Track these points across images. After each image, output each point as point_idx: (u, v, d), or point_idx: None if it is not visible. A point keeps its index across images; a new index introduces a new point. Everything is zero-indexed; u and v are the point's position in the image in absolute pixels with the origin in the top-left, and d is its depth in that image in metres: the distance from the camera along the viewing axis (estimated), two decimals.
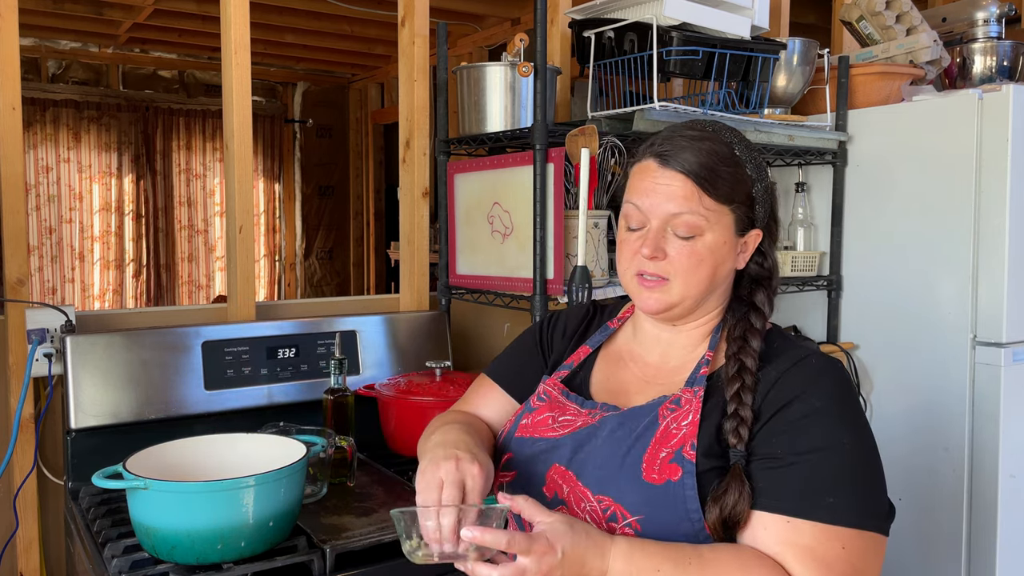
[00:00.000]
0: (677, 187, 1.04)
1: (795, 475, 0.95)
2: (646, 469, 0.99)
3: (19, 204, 1.73)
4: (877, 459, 0.99)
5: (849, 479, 0.95)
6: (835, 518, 0.93)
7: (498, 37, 4.19)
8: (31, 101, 5.11)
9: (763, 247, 1.10)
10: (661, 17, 1.74)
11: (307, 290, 6.20)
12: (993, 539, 1.90)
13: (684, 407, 1.03)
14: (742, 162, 1.06)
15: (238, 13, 1.89)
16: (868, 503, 0.95)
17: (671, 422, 1.02)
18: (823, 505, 0.93)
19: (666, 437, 1.00)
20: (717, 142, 1.06)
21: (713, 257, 1.05)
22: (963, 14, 2.41)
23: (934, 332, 2.01)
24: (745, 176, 1.06)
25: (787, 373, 1.01)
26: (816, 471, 0.94)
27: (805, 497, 0.93)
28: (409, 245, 2.19)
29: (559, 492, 1.05)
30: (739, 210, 1.06)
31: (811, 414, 0.97)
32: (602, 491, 1.01)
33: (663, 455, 0.99)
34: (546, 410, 1.13)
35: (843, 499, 0.93)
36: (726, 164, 1.04)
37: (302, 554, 1.29)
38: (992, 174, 1.89)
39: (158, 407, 1.70)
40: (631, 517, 0.98)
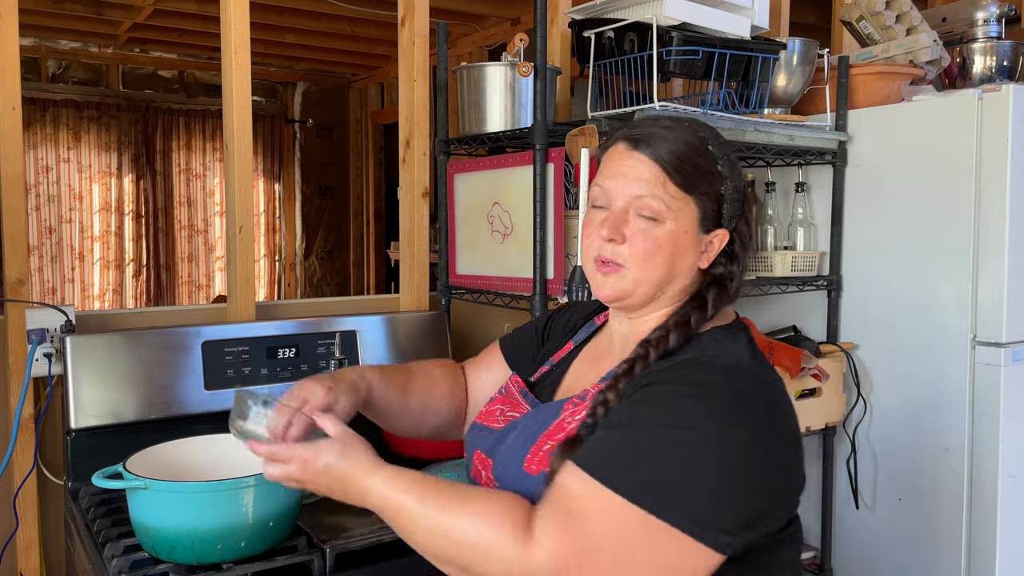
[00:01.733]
0: (643, 170, 1.03)
1: (619, 437, 0.90)
2: (528, 460, 1.01)
3: (19, 204, 1.73)
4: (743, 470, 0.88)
5: (682, 466, 0.86)
6: (619, 481, 0.86)
7: (498, 37, 4.19)
8: (31, 101, 5.11)
9: (733, 250, 1.07)
10: (661, 17, 1.74)
11: (307, 290, 6.20)
12: (993, 539, 1.90)
13: (586, 403, 1.02)
14: (713, 157, 1.05)
15: (238, 13, 1.89)
16: (694, 500, 0.85)
17: (569, 416, 1.02)
18: (631, 476, 0.86)
19: (557, 430, 1.02)
20: (690, 133, 1.05)
21: (672, 246, 1.03)
22: (963, 14, 2.41)
23: (934, 332, 2.01)
24: (715, 171, 1.04)
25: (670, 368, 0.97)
26: (641, 441, 0.89)
27: (618, 461, 0.88)
28: (409, 245, 2.19)
29: (479, 475, 1.12)
30: (704, 204, 1.04)
31: (672, 394, 0.91)
32: (496, 476, 1.06)
33: (546, 447, 1.00)
34: (499, 403, 1.18)
35: (659, 479, 0.86)
36: (696, 155, 1.03)
37: (302, 554, 1.29)
38: (992, 174, 1.89)
39: (158, 407, 1.70)
40: None
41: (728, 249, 1.07)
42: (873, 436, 2.15)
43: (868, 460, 2.16)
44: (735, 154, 1.09)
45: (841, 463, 2.21)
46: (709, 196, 1.04)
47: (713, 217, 1.05)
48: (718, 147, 1.06)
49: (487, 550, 0.89)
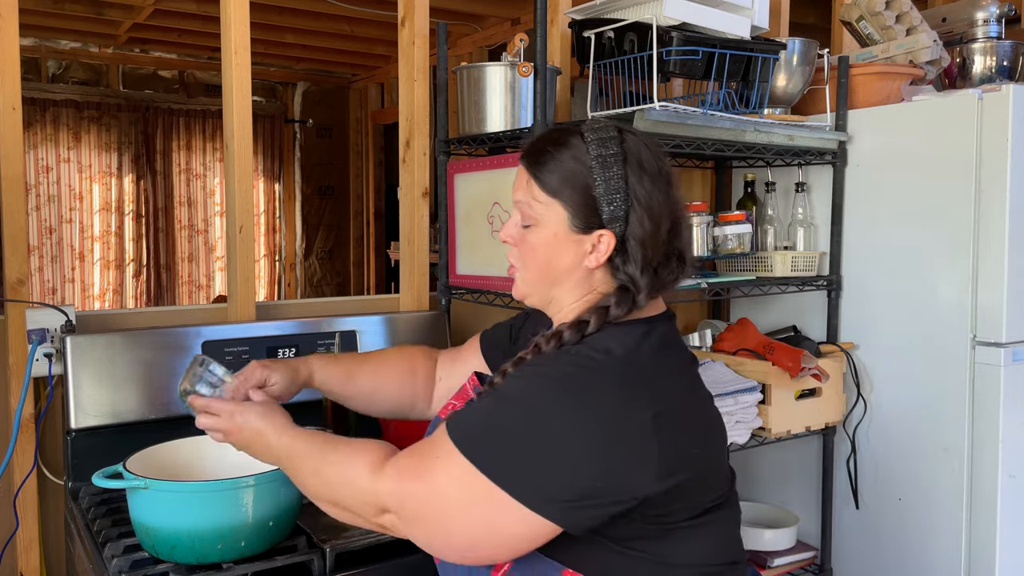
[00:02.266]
0: (521, 178, 1.10)
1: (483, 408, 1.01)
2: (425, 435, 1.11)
3: (19, 204, 1.73)
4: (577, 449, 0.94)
5: (526, 442, 0.95)
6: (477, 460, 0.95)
7: (498, 37, 4.19)
8: (31, 101, 5.11)
9: (624, 250, 1.06)
10: (661, 17, 1.74)
11: (307, 290, 6.20)
12: (993, 539, 1.90)
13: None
14: (587, 160, 1.05)
15: (238, 13, 1.89)
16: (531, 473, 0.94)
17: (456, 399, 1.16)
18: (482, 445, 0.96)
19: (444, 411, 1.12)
20: (565, 140, 1.08)
21: (544, 249, 1.08)
22: (963, 14, 2.41)
23: (934, 332, 2.01)
24: (583, 172, 1.05)
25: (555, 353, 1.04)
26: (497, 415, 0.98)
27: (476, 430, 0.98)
28: (409, 245, 2.19)
29: None
30: (572, 205, 1.05)
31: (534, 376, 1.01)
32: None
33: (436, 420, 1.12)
34: (455, 398, 1.24)
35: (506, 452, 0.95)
36: (564, 160, 1.06)
37: (302, 554, 1.29)
38: (992, 174, 1.89)
39: (158, 407, 1.70)
40: None
41: (622, 250, 1.06)
42: (873, 436, 2.15)
43: (868, 460, 2.16)
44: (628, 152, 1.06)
45: (841, 463, 2.21)
46: (577, 198, 1.05)
47: (589, 218, 1.05)
48: (598, 146, 1.06)
49: (347, 481, 1.04)
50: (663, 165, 1.09)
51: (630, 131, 1.11)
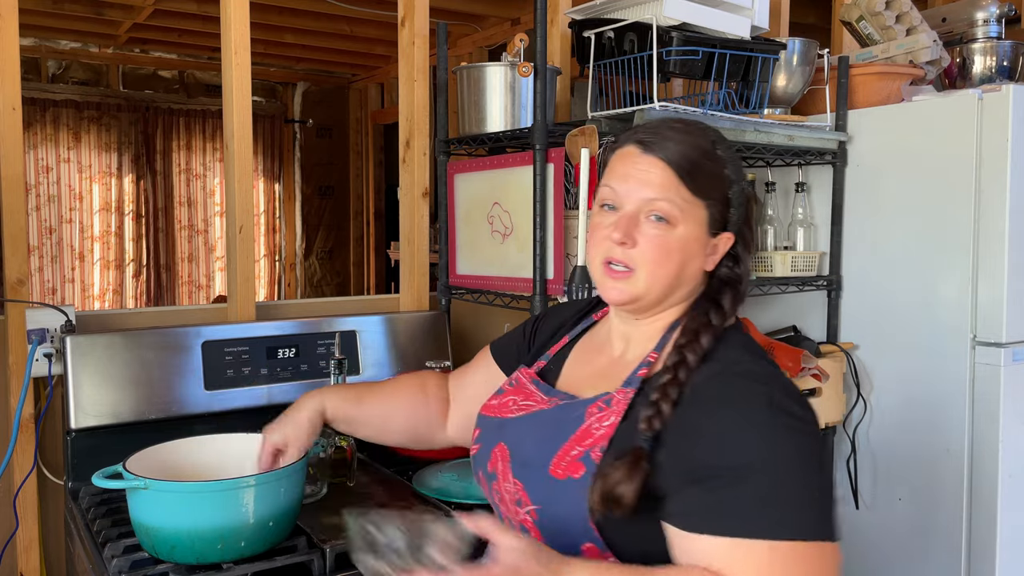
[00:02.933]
0: (656, 173, 1.03)
1: (736, 492, 0.90)
2: (555, 463, 1.00)
3: (19, 204, 1.73)
4: (818, 465, 0.94)
5: (794, 490, 0.90)
6: (786, 532, 0.88)
7: (498, 37, 4.19)
8: (31, 101, 5.11)
9: (736, 252, 1.08)
10: (661, 17, 1.74)
11: (307, 290, 6.20)
12: (993, 539, 1.90)
13: (613, 407, 1.01)
14: (722, 161, 1.05)
15: (238, 13, 1.89)
16: (816, 511, 0.91)
17: (595, 422, 1.01)
18: (772, 521, 0.89)
19: (584, 436, 1.00)
20: (700, 137, 1.06)
21: (682, 251, 1.03)
22: (963, 14, 2.41)
23: (934, 332, 2.01)
24: (724, 175, 1.05)
25: (719, 376, 0.98)
26: (758, 486, 0.90)
27: (752, 514, 0.89)
28: (409, 245, 2.19)
29: (496, 468, 1.10)
30: (714, 208, 1.04)
31: (743, 424, 0.93)
32: (518, 476, 1.05)
33: (574, 453, 0.99)
34: (511, 394, 1.17)
35: (791, 512, 0.89)
36: (707, 159, 1.04)
37: (302, 554, 1.29)
38: (992, 174, 1.89)
39: (158, 407, 1.70)
40: (531, 505, 1.02)
41: (732, 251, 1.08)
42: (873, 436, 2.15)
43: (868, 460, 2.16)
44: (738, 155, 1.10)
45: (841, 463, 2.21)
46: (718, 200, 1.04)
47: (720, 220, 1.05)
48: (725, 150, 1.06)
49: None
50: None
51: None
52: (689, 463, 0.93)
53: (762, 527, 0.89)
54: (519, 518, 1.05)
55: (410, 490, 1.57)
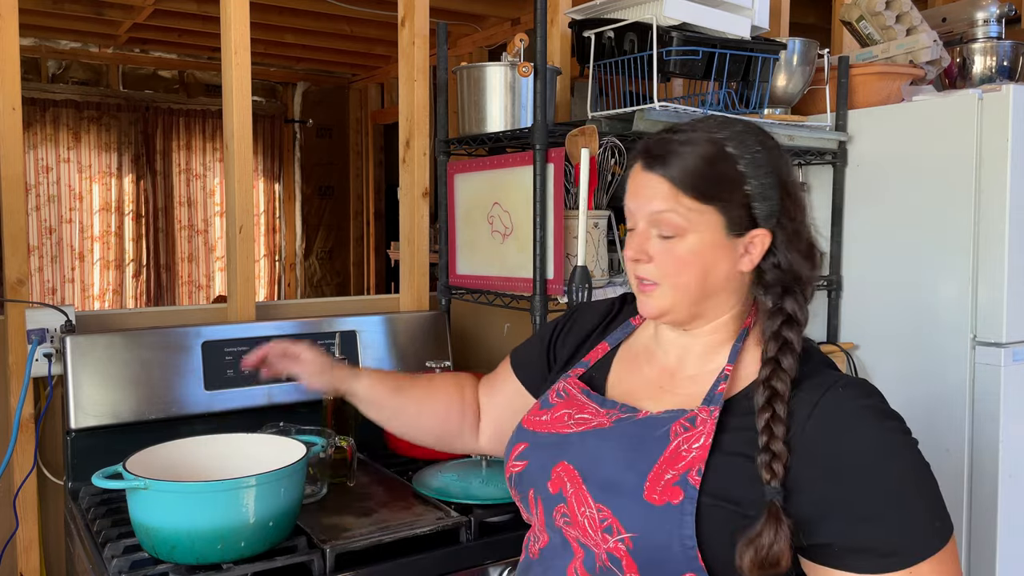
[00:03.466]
0: (656, 188, 1.03)
1: (897, 522, 0.92)
2: (648, 488, 0.96)
3: (19, 204, 1.73)
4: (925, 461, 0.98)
5: (929, 496, 0.95)
6: (939, 541, 0.93)
7: (498, 37, 4.19)
8: (31, 101, 5.12)
9: (775, 247, 1.03)
10: (661, 17, 1.74)
11: (307, 290, 6.20)
12: (993, 539, 1.90)
13: (698, 427, 0.98)
14: (733, 158, 1.01)
15: (238, 13, 1.89)
16: (944, 506, 0.95)
17: (682, 442, 0.98)
18: (928, 536, 0.92)
19: (675, 458, 0.97)
20: (703, 140, 1.02)
21: (699, 260, 1.02)
22: (963, 14, 2.41)
23: (934, 332, 2.01)
24: (734, 174, 1.01)
25: (823, 403, 0.96)
26: (912, 508, 0.93)
27: (906, 542, 0.91)
28: (409, 245, 2.19)
29: (563, 489, 1.04)
30: (729, 209, 1.01)
31: (870, 451, 0.93)
32: (603, 501, 0.99)
33: (668, 476, 0.96)
34: (563, 407, 1.12)
35: (935, 519, 0.94)
36: (709, 163, 1.01)
37: (302, 554, 1.29)
38: (992, 174, 1.89)
39: (158, 407, 1.70)
40: (626, 533, 0.96)
41: (773, 248, 1.03)
42: None
43: None
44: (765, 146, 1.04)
45: None
46: (731, 201, 1.01)
47: (744, 219, 1.02)
48: (739, 146, 1.02)
49: None
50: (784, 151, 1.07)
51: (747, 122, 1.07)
52: (834, 501, 0.92)
53: (928, 547, 0.92)
54: (607, 546, 0.98)
55: (410, 490, 1.57)
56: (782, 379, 0.96)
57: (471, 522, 1.42)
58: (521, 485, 1.10)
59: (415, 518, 1.43)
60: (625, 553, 0.96)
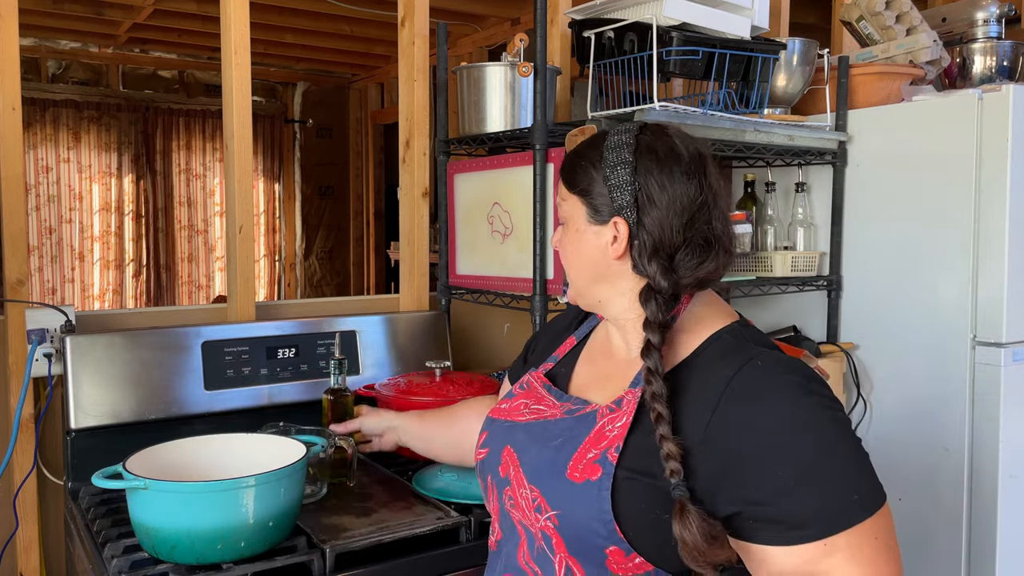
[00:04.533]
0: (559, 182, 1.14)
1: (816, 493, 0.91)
2: (571, 467, 1.01)
3: (19, 204, 1.73)
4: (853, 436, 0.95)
5: (848, 469, 0.92)
6: (860, 513, 0.91)
7: (498, 37, 4.19)
8: (31, 101, 5.12)
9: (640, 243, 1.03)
10: (661, 17, 1.74)
11: (307, 290, 6.20)
12: (993, 539, 1.90)
13: (623, 408, 1.01)
14: (599, 150, 1.07)
15: (238, 13, 1.89)
16: (870, 479, 0.94)
17: (607, 423, 1.02)
18: (845, 508, 0.91)
19: (598, 438, 1.01)
20: (593, 140, 1.10)
21: (574, 245, 1.09)
22: (963, 14, 2.41)
23: (934, 332, 2.01)
24: (595, 166, 1.06)
25: (738, 377, 0.96)
26: (818, 481, 0.91)
27: (821, 512, 0.90)
28: (409, 245, 2.19)
29: (508, 473, 1.09)
30: (590, 197, 1.07)
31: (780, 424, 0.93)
32: (533, 481, 1.05)
33: (590, 455, 1.00)
34: (522, 397, 1.18)
35: (852, 491, 0.92)
36: (581, 156, 1.09)
37: (302, 554, 1.29)
38: (992, 174, 1.89)
39: (158, 407, 1.70)
40: (551, 511, 1.01)
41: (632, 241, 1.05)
42: (873, 436, 2.15)
43: None
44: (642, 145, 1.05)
45: None
46: (593, 189, 1.06)
47: (605, 208, 1.06)
48: (616, 138, 1.06)
49: None
50: (682, 153, 1.05)
51: (659, 125, 1.09)
52: (740, 472, 0.92)
53: (845, 519, 0.91)
54: (539, 525, 1.03)
55: (410, 490, 1.57)
56: (653, 381, 0.98)
57: (471, 522, 1.41)
58: (483, 472, 1.16)
59: (415, 518, 1.43)
60: (553, 531, 1.01)
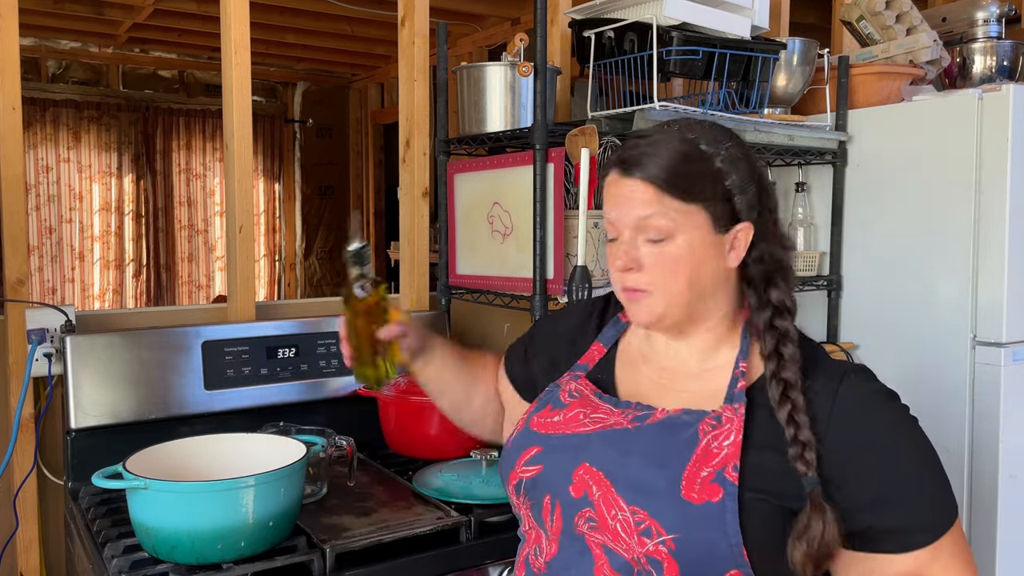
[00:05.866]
0: (639, 193, 1.01)
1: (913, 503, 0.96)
2: (685, 487, 0.95)
3: (19, 204, 1.73)
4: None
5: (940, 471, 0.98)
6: (954, 512, 0.97)
7: (498, 37, 4.19)
8: (31, 101, 5.11)
9: (757, 239, 1.04)
10: (661, 17, 1.74)
11: (307, 290, 6.20)
12: (993, 539, 1.90)
13: (725, 425, 0.98)
14: (709, 156, 1.01)
15: (238, 13, 1.89)
16: (948, 483, 0.99)
17: (711, 440, 0.97)
18: (947, 508, 0.97)
19: (707, 456, 0.96)
20: (678, 141, 1.02)
21: (690, 261, 1.01)
22: (963, 14, 2.41)
23: (934, 332, 2.01)
24: (714, 170, 1.01)
25: (843, 391, 0.99)
26: (926, 485, 0.97)
27: (931, 517, 0.96)
28: (409, 245, 2.19)
29: (588, 492, 1.01)
30: (713, 207, 1.01)
31: (888, 434, 0.98)
32: (637, 503, 0.97)
33: (704, 474, 0.95)
34: (577, 406, 1.10)
35: (947, 492, 0.98)
36: (688, 162, 1.01)
37: (302, 554, 1.29)
38: (992, 174, 1.89)
39: (158, 407, 1.70)
40: (667, 535, 0.94)
41: (755, 240, 1.04)
42: None
43: None
44: (735, 142, 1.05)
45: None
46: (714, 197, 1.01)
47: (728, 215, 1.02)
48: (713, 144, 1.02)
49: None
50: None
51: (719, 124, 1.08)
52: (866, 487, 0.96)
53: (948, 519, 0.96)
54: (645, 550, 0.96)
55: (410, 490, 1.57)
56: (790, 368, 0.98)
57: (471, 522, 1.42)
58: (534, 491, 1.06)
59: (415, 518, 1.43)
60: (667, 555, 0.94)
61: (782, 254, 1.06)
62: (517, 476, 1.08)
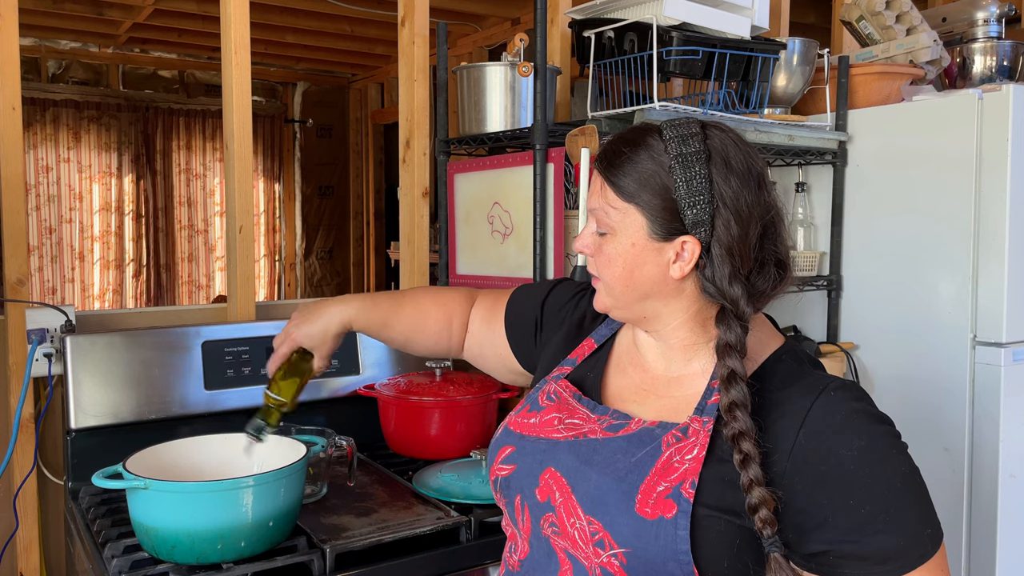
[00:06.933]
0: (596, 184, 1.03)
1: (882, 532, 0.88)
2: (640, 500, 0.92)
3: (19, 204, 1.73)
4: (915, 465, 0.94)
5: (922, 503, 0.91)
6: (931, 548, 0.90)
7: (498, 37, 4.19)
8: (31, 101, 5.11)
9: (706, 260, 0.96)
10: (661, 17, 1.74)
11: (307, 290, 6.20)
12: (993, 539, 1.90)
13: (691, 438, 0.94)
14: (665, 162, 0.96)
15: (238, 13, 1.89)
16: (934, 512, 0.92)
17: (674, 453, 0.94)
18: (922, 543, 0.89)
19: (667, 469, 0.93)
20: (642, 140, 0.99)
21: (623, 259, 0.99)
22: (963, 14, 2.41)
23: (934, 332, 2.01)
24: (661, 173, 0.96)
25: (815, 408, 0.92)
26: (900, 516, 0.89)
27: (905, 548, 0.89)
28: (409, 245, 2.19)
29: (551, 498, 1.01)
30: (652, 211, 0.96)
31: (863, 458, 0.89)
32: (593, 513, 0.96)
33: (660, 489, 0.92)
34: (554, 410, 1.08)
35: (927, 526, 0.91)
36: (640, 160, 0.97)
37: (302, 554, 1.29)
38: (992, 174, 1.89)
39: (158, 407, 1.70)
40: (618, 548, 0.92)
41: (704, 263, 0.97)
42: None
43: None
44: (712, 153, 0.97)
45: None
46: (656, 202, 0.96)
47: (670, 224, 0.97)
48: (679, 147, 0.97)
49: None
50: (753, 163, 0.99)
51: (717, 126, 1.01)
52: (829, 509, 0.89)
53: (922, 554, 0.90)
54: (599, 561, 0.94)
55: (410, 490, 1.57)
56: (739, 416, 0.90)
57: (471, 522, 1.42)
58: (508, 490, 1.07)
59: (415, 518, 1.43)
60: (619, 569, 0.93)
61: (731, 286, 0.95)
62: (495, 473, 1.09)
